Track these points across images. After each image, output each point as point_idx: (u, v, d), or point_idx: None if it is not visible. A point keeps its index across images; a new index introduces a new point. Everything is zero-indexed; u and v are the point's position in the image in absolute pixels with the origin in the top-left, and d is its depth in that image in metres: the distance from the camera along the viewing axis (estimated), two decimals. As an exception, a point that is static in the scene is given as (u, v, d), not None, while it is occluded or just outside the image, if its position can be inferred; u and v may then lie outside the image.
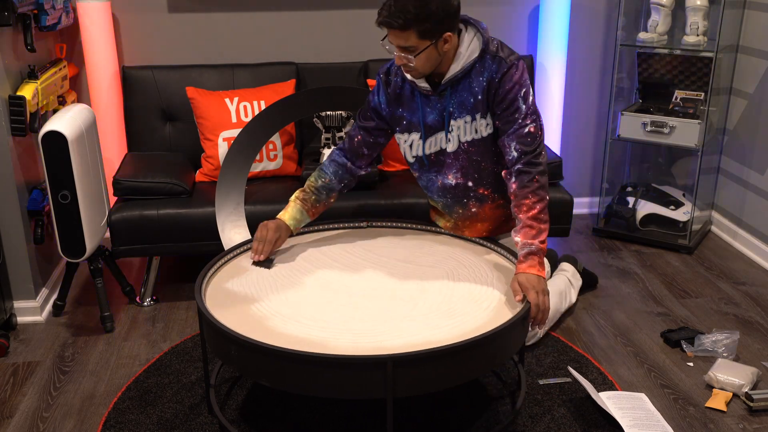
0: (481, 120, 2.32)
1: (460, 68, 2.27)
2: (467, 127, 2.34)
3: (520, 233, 2.23)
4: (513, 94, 2.25)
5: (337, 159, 2.51)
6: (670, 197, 3.75)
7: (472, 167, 2.39)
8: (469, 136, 2.35)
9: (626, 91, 3.86)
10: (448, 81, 2.29)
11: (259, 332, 1.98)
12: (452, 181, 2.43)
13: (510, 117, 2.27)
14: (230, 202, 2.97)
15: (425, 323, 2.04)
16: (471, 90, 2.30)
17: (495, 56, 2.28)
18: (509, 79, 2.25)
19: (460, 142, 2.36)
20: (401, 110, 2.41)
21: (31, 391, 2.53)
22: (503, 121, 2.28)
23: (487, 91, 2.28)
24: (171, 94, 3.36)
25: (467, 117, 2.33)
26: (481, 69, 2.28)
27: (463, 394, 2.44)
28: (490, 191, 2.44)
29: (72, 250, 2.79)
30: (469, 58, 2.27)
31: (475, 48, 2.28)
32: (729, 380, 2.47)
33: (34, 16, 2.91)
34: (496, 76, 2.26)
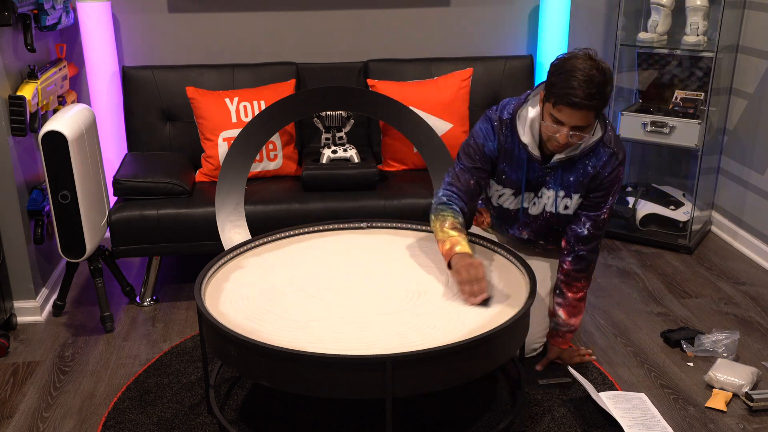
0: (578, 200, 2.39)
1: (579, 151, 2.28)
2: (558, 201, 2.40)
3: (563, 309, 2.49)
4: (611, 188, 2.36)
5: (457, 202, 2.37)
6: (670, 197, 3.75)
7: (548, 231, 2.51)
8: (554, 209, 2.41)
9: (626, 91, 3.86)
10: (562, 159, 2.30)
11: (258, 332, 1.98)
12: (525, 236, 2.55)
13: (597, 203, 2.38)
14: (230, 202, 2.97)
15: (425, 323, 2.04)
16: (576, 171, 2.34)
17: (608, 147, 2.31)
18: (615, 175, 2.33)
19: (544, 210, 2.43)
20: (504, 165, 2.40)
21: (31, 391, 2.53)
22: (589, 203, 2.39)
23: (591, 178, 2.34)
24: (171, 94, 3.36)
25: (561, 192, 2.38)
26: (590, 153, 2.31)
27: (463, 394, 2.44)
28: (555, 246, 2.58)
29: (72, 250, 2.79)
30: (589, 143, 2.29)
31: (597, 133, 2.29)
32: (729, 380, 2.47)
33: (34, 16, 2.91)
34: (605, 169, 2.32)
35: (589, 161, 2.32)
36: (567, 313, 2.48)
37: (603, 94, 2.12)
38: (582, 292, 2.47)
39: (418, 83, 3.39)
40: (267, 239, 2.55)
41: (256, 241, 2.52)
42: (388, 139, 3.36)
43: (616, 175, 2.33)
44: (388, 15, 3.65)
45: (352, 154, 3.18)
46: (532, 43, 3.78)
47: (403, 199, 3.07)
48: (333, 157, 3.17)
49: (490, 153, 2.38)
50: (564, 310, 2.49)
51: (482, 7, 3.69)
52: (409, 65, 3.52)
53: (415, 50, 3.66)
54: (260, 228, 2.93)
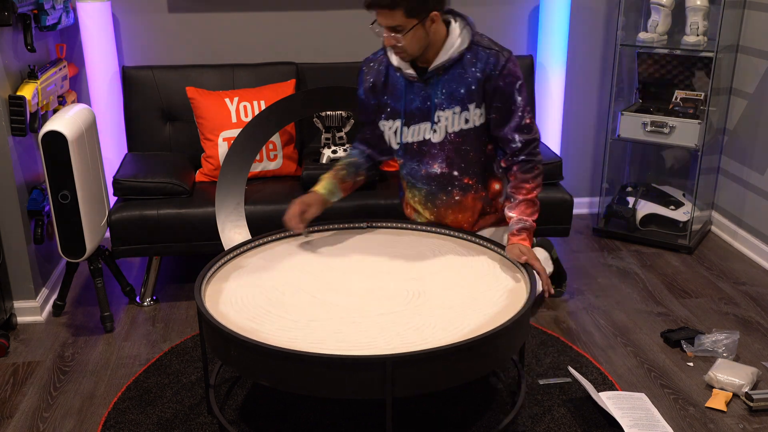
0: (475, 110, 2.37)
1: (448, 57, 2.32)
2: (455, 118, 2.38)
3: (515, 210, 2.39)
4: (511, 87, 2.34)
5: (359, 146, 2.62)
6: (670, 197, 3.75)
7: (459, 157, 2.44)
8: (457, 127, 2.39)
9: (626, 91, 3.86)
10: (435, 69, 2.34)
11: (258, 332, 1.98)
12: (437, 170, 2.47)
13: (509, 109, 2.36)
14: (230, 202, 2.97)
15: (425, 323, 2.04)
16: (463, 80, 2.34)
17: (489, 49, 2.34)
18: (507, 73, 2.32)
19: (447, 133, 2.41)
20: (386, 97, 2.47)
21: (31, 391, 2.53)
22: (502, 112, 2.36)
23: (484, 83, 2.33)
24: (171, 94, 3.36)
25: (456, 108, 2.37)
26: (473, 60, 2.33)
27: (463, 394, 2.44)
28: (475, 181, 2.49)
29: (72, 250, 2.79)
30: (459, 48, 2.32)
31: (465, 38, 2.33)
32: (729, 380, 2.47)
33: (34, 16, 2.91)
34: (494, 69, 2.31)
35: (474, 67, 2.33)
36: (519, 211, 2.38)
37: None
38: (532, 193, 2.39)
39: (418, 83, 3.39)
40: (267, 239, 2.55)
41: (256, 241, 2.52)
42: (387, 139, 3.36)
43: (509, 72, 2.32)
44: (388, 15, 3.64)
45: (352, 154, 3.18)
46: (532, 43, 3.78)
47: (403, 199, 3.07)
48: (333, 157, 3.17)
49: (365, 99, 2.52)
50: (515, 210, 2.38)
51: (482, 7, 3.69)
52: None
53: (415, 50, 3.66)
54: (260, 228, 2.93)
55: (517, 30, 3.77)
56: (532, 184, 2.40)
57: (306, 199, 2.48)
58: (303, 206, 2.46)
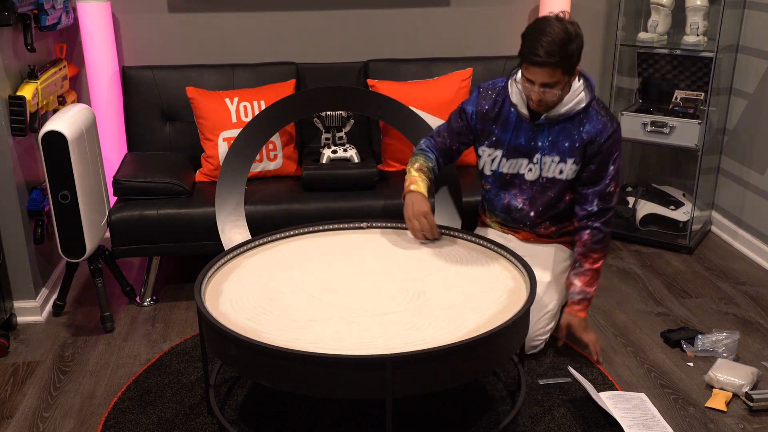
0: (572, 165, 2.49)
1: (564, 111, 2.45)
2: (553, 166, 2.50)
3: (579, 278, 2.57)
4: (609, 156, 2.47)
5: (433, 151, 2.67)
6: (670, 197, 3.75)
7: (541, 199, 2.57)
8: (551, 174, 2.52)
9: (626, 91, 3.86)
10: (549, 118, 2.46)
11: (258, 332, 1.98)
12: (519, 204, 2.61)
13: (599, 174, 2.49)
14: (230, 202, 2.97)
15: (425, 323, 2.04)
16: (570, 136, 2.46)
17: (601, 115, 2.46)
18: (612, 143, 2.45)
19: (540, 176, 2.53)
20: (494, 127, 2.56)
21: (31, 391, 2.53)
22: (591, 175, 2.50)
23: (587, 144, 2.46)
24: (171, 94, 3.36)
25: (556, 157, 2.49)
26: (584, 120, 2.45)
27: (463, 394, 2.44)
28: (547, 225, 2.63)
29: (72, 250, 2.79)
30: (576, 106, 2.45)
31: (583, 98, 2.46)
32: (729, 380, 2.47)
33: (34, 16, 2.91)
34: (600, 135, 2.44)
35: (583, 127, 2.46)
36: (583, 281, 2.56)
37: (565, 50, 2.27)
38: (598, 263, 2.56)
39: (418, 83, 3.39)
40: (267, 239, 2.55)
41: (256, 241, 2.53)
42: (388, 139, 3.36)
43: (612, 143, 2.45)
44: (388, 15, 3.65)
45: (352, 154, 3.18)
46: (532, 43, 3.78)
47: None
48: (333, 157, 3.17)
49: (468, 116, 2.58)
50: (580, 279, 2.56)
51: (482, 7, 3.69)
52: (409, 65, 3.52)
53: (415, 50, 3.66)
54: (260, 228, 2.93)
55: (517, 30, 3.74)
56: (600, 254, 2.55)
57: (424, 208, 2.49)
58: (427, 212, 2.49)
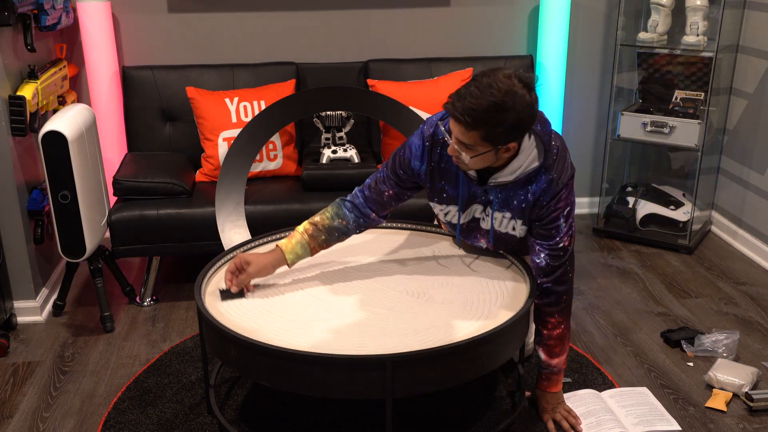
0: (521, 226, 2.20)
1: (513, 179, 2.11)
2: (504, 222, 2.22)
3: (542, 349, 2.26)
4: (556, 214, 2.14)
5: (361, 209, 2.29)
6: (670, 197, 3.75)
7: (504, 244, 2.30)
8: (503, 230, 2.24)
9: (626, 91, 3.86)
10: (496, 184, 2.15)
11: (258, 332, 1.98)
12: (483, 245, 2.36)
13: (548, 231, 2.16)
14: (230, 202, 2.97)
15: (425, 323, 2.04)
16: (517, 195, 2.16)
17: (549, 173, 2.12)
18: (556, 204, 2.13)
19: (494, 229, 2.26)
20: (443, 183, 2.24)
21: (31, 391, 2.53)
22: (541, 231, 2.18)
23: (532, 205, 2.15)
24: (171, 94, 3.36)
25: (507, 214, 2.20)
26: (533, 181, 2.13)
27: (463, 394, 2.44)
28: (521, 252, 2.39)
29: (72, 250, 2.79)
30: (525, 171, 2.10)
31: (534, 160, 2.10)
32: (729, 380, 2.47)
33: (34, 16, 2.91)
34: (544, 197, 2.13)
35: (530, 187, 2.13)
36: (545, 352, 2.25)
37: (489, 116, 1.91)
38: (558, 329, 2.22)
39: (418, 83, 3.39)
40: (267, 239, 2.55)
41: (256, 241, 2.52)
42: (388, 139, 3.36)
43: (557, 202, 2.13)
44: (388, 15, 3.65)
45: (352, 154, 3.18)
46: (532, 43, 3.78)
47: (403, 199, 3.06)
48: (333, 157, 3.17)
49: (417, 171, 2.23)
50: (542, 349, 2.25)
51: (482, 7, 3.69)
52: (409, 65, 3.52)
53: (415, 50, 3.66)
54: (260, 228, 2.93)
55: (517, 30, 3.77)
56: (558, 318, 2.21)
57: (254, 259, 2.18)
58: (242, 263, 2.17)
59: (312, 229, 2.25)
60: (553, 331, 2.22)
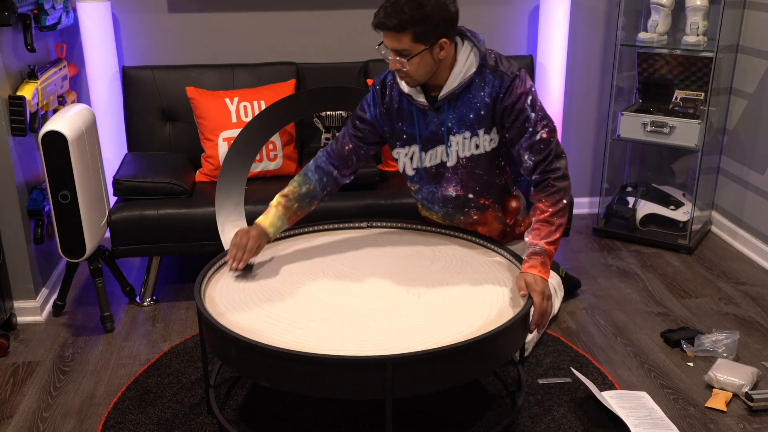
0: (485, 135, 2.30)
1: (458, 83, 2.24)
2: (466, 143, 2.32)
3: (530, 234, 2.25)
4: (520, 105, 2.23)
5: (323, 166, 2.44)
6: (670, 197, 3.75)
7: (473, 180, 2.39)
8: (468, 152, 2.33)
9: (626, 91, 3.86)
10: (446, 97, 2.27)
11: (258, 332, 1.98)
12: (452, 193, 2.42)
13: (520, 127, 2.25)
14: (230, 202, 2.97)
15: (425, 323, 2.04)
16: (471, 105, 2.27)
17: (495, 70, 2.25)
18: (514, 92, 2.23)
19: (458, 157, 2.35)
20: (400, 124, 2.37)
21: (31, 391, 2.53)
22: (513, 132, 2.27)
23: (492, 107, 2.25)
24: (171, 94, 3.36)
25: (466, 133, 2.31)
26: (481, 84, 2.25)
27: (463, 394, 2.44)
28: (491, 201, 2.45)
29: (72, 250, 2.79)
30: (467, 73, 2.24)
31: (473, 63, 2.24)
32: (729, 380, 2.47)
33: (34, 16, 2.91)
34: (500, 91, 2.23)
35: (482, 92, 2.24)
36: (531, 236, 2.24)
37: (409, 13, 2.06)
38: (545, 213, 2.23)
39: (418, 83, 3.38)
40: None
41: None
42: (388, 139, 3.36)
43: (516, 92, 2.22)
44: (388, 15, 3.64)
45: (352, 154, 3.18)
46: (532, 43, 3.78)
47: (403, 199, 3.07)
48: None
49: (372, 118, 2.38)
50: (530, 235, 2.24)
51: (482, 7, 3.69)
52: (409, 65, 3.51)
53: (415, 50, 3.66)
54: (260, 228, 2.93)
55: (517, 30, 3.77)
56: (546, 203, 2.24)
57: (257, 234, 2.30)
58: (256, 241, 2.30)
59: (284, 200, 2.40)
60: (541, 215, 2.24)
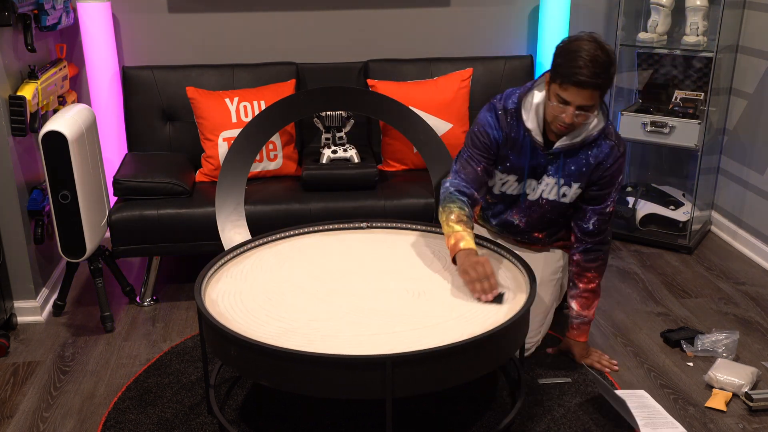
0: (577, 190, 2.42)
1: (581, 139, 2.34)
2: (555, 189, 2.43)
3: (576, 301, 2.53)
4: (614, 179, 2.41)
5: (466, 191, 2.39)
6: (670, 197, 3.75)
7: (541, 221, 2.53)
8: (552, 196, 2.45)
9: (626, 91, 3.86)
10: (564, 146, 2.35)
11: (258, 332, 1.98)
12: (516, 221, 2.56)
13: (602, 195, 2.42)
14: (230, 202, 2.97)
15: (425, 323, 2.04)
16: (578, 160, 2.38)
17: (609, 139, 2.38)
18: (618, 167, 2.39)
19: (540, 197, 2.47)
20: (509, 151, 2.43)
21: (31, 391, 2.53)
22: (594, 197, 2.43)
23: (593, 170, 2.38)
24: (171, 94, 3.36)
25: (561, 180, 2.41)
26: (593, 145, 2.37)
27: (463, 394, 2.44)
28: (544, 235, 2.59)
29: (72, 250, 2.79)
30: (591, 133, 2.34)
31: (598, 124, 2.35)
32: (729, 380, 2.47)
33: (34, 16, 2.91)
34: (607, 160, 2.37)
35: (590, 151, 2.37)
36: (579, 304, 2.53)
37: (608, 73, 2.18)
38: (593, 283, 2.50)
39: (418, 83, 3.39)
40: (267, 239, 2.55)
41: (256, 241, 2.53)
42: (388, 139, 3.36)
43: (618, 167, 2.39)
44: (388, 15, 3.65)
45: (352, 154, 3.18)
46: (532, 43, 3.78)
47: (403, 199, 3.07)
48: (333, 157, 3.17)
49: (495, 139, 2.41)
50: (576, 302, 2.53)
51: (482, 7, 3.69)
52: (409, 65, 3.52)
53: (415, 50, 3.66)
54: (260, 228, 2.93)
55: (517, 30, 3.77)
56: (594, 274, 2.49)
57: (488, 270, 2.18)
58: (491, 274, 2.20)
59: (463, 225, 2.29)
60: (589, 284, 2.50)
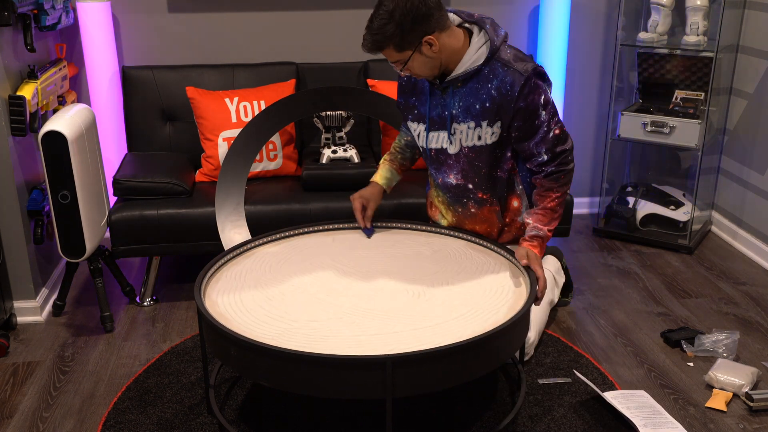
0: (487, 128, 2.33)
1: (463, 71, 2.29)
2: (470, 133, 2.36)
3: (532, 216, 2.38)
4: (533, 106, 2.26)
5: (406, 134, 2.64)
6: (670, 197, 3.75)
7: (473, 171, 2.43)
8: (470, 142, 2.37)
9: (626, 91, 3.86)
10: (451, 80, 2.32)
11: (258, 333, 1.98)
12: (452, 180, 2.48)
13: (532, 126, 2.31)
14: (230, 202, 2.97)
15: (425, 323, 2.04)
16: (478, 96, 2.30)
17: (508, 66, 2.26)
18: (528, 93, 2.25)
19: (461, 146, 2.39)
20: (414, 99, 2.47)
21: (31, 391, 2.53)
22: (523, 130, 2.31)
23: (500, 103, 2.27)
24: (171, 94, 3.36)
25: (471, 123, 2.34)
26: (490, 76, 2.28)
27: (463, 394, 2.44)
28: (489, 195, 2.48)
29: (72, 250, 2.79)
30: (474, 63, 2.28)
31: (482, 54, 2.28)
32: (729, 380, 2.47)
33: (34, 16, 2.91)
34: (510, 90, 2.24)
35: (490, 84, 2.28)
36: (536, 219, 2.37)
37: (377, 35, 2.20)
38: (553, 202, 2.37)
39: (418, 83, 3.38)
40: (267, 239, 2.55)
41: (256, 241, 2.53)
42: (388, 139, 3.36)
43: (529, 92, 2.25)
44: (388, 15, 3.64)
45: (352, 154, 3.18)
46: (532, 43, 3.78)
47: (403, 199, 3.07)
48: (333, 157, 3.17)
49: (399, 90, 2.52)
50: (532, 217, 2.37)
51: (482, 7, 3.69)
52: (409, 65, 3.51)
53: (415, 50, 3.66)
54: (260, 228, 2.93)
55: (517, 30, 3.77)
56: (557, 193, 2.37)
57: (365, 194, 2.55)
58: (363, 201, 2.54)
59: (389, 156, 2.61)
60: (548, 203, 2.38)
